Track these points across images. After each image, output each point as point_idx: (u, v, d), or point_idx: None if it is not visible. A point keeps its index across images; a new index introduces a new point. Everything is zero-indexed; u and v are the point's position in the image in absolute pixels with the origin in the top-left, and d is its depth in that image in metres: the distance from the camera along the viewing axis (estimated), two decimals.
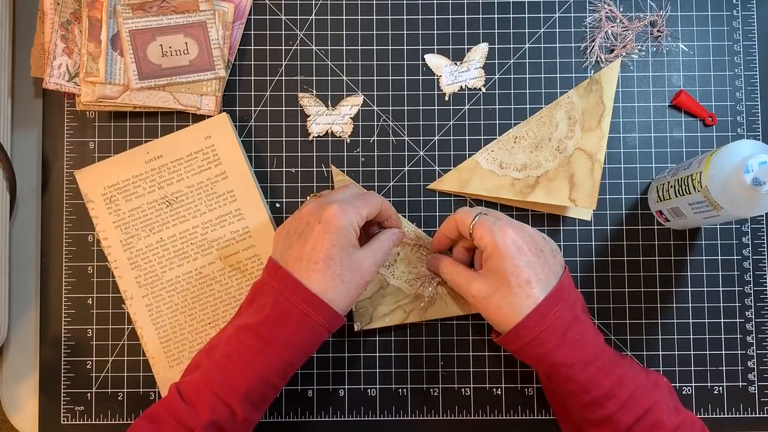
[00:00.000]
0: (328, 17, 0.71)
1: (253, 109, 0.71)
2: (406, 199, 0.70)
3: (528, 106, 0.71)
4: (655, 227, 0.70)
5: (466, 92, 0.71)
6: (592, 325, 0.59)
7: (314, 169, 0.70)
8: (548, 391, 0.64)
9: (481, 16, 0.71)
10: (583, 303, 0.60)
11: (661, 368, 0.68)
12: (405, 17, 0.71)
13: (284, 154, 0.70)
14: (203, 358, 0.58)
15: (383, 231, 0.63)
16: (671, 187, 0.64)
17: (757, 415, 0.68)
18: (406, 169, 0.70)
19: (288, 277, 0.56)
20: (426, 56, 0.71)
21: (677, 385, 0.68)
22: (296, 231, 0.58)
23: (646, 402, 0.56)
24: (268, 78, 0.71)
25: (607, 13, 0.71)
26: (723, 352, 0.69)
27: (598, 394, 0.55)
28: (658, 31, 0.71)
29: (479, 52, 0.71)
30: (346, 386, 0.69)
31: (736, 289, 0.69)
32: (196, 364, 0.58)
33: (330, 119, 0.70)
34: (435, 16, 0.71)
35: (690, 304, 0.69)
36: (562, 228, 0.70)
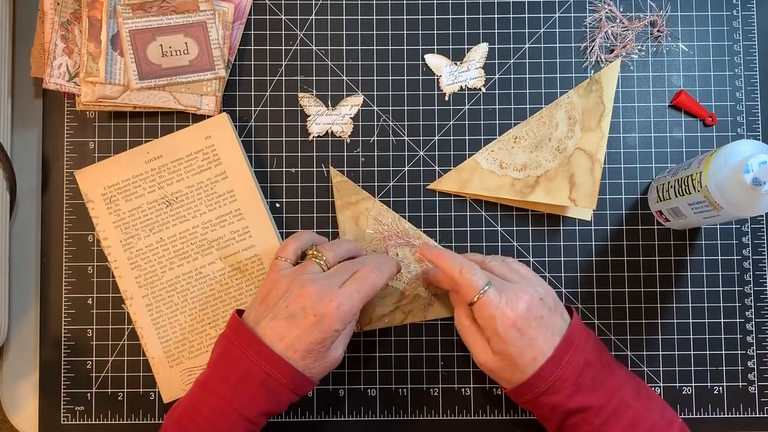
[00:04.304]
0: (328, 17, 0.71)
1: (253, 109, 0.71)
2: (406, 199, 0.70)
3: (528, 106, 0.71)
4: (655, 227, 0.70)
5: (466, 92, 0.71)
6: (609, 362, 0.59)
7: (314, 169, 0.70)
8: None
9: (481, 16, 0.71)
10: (595, 341, 0.59)
11: (661, 368, 0.68)
12: (405, 17, 0.71)
13: (284, 154, 0.70)
14: (170, 424, 0.57)
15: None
16: (671, 187, 0.64)
17: (757, 415, 0.68)
18: (406, 169, 0.70)
19: (252, 337, 0.56)
20: (426, 56, 0.71)
21: (677, 384, 0.68)
22: (288, 309, 0.56)
23: None
24: (268, 78, 0.71)
25: (607, 13, 0.71)
26: (723, 352, 0.69)
27: None
28: (658, 31, 0.71)
29: (479, 52, 0.71)
30: (346, 386, 0.69)
31: (736, 289, 0.69)
32: (163, 429, 0.57)
33: (330, 119, 0.70)
34: (435, 16, 0.71)
35: (690, 304, 0.69)
36: (562, 228, 0.70)
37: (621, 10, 0.71)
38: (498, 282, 0.58)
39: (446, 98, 0.71)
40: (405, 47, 0.71)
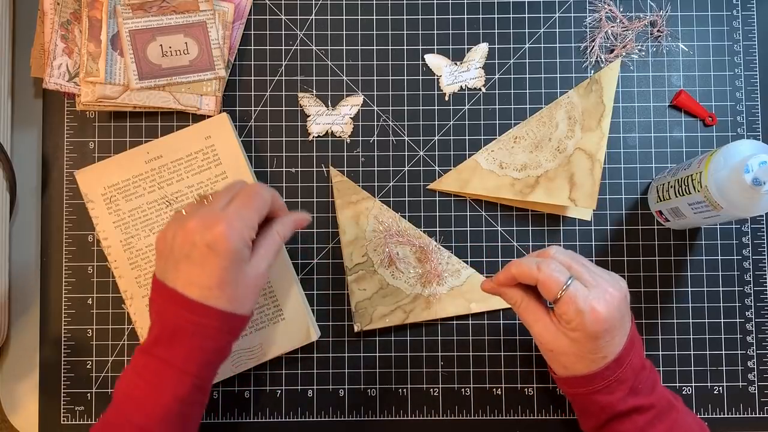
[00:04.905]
0: (328, 17, 0.71)
1: (253, 109, 0.71)
2: (406, 199, 0.70)
3: (528, 106, 0.71)
4: (655, 227, 0.70)
5: (466, 92, 0.71)
6: (652, 366, 0.57)
7: (314, 169, 0.70)
8: None
9: (481, 16, 0.71)
10: (642, 343, 0.58)
11: (661, 368, 0.68)
12: (405, 17, 0.71)
13: (284, 154, 0.70)
14: (118, 395, 0.54)
15: (272, 224, 0.57)
16: (671, 187, 0.64)
17: (757, 415, 0.68)
18: (406, 169, 0.70)
19: (168, 292, 0.53)
20: (426, 56, 0.71)
21: (677, 384, 0.68)
22: (182, 251, 0.53)
23: None
24: (268, 78, 0.71)
25: (607, 13, 0.71)
26: (723, 352, 0.69)
27: None
28: (658, 31, 0.71)
29: (479, 52, 0.71)
30: (346, 386, 0.69)
31: (736, 289, 0.69)
32: (113, 402, 0.55)
33: (330, 119, 0.70)
34: (435, 16, 0.71)
35: (690, 304, 0.69)
36: (562, 228, 0.70)
37: (621, 10, 0.71)
38: (583, 276, 0.54)
39: (446, 98, 0.71)
40: (405, 47, 0.71)
